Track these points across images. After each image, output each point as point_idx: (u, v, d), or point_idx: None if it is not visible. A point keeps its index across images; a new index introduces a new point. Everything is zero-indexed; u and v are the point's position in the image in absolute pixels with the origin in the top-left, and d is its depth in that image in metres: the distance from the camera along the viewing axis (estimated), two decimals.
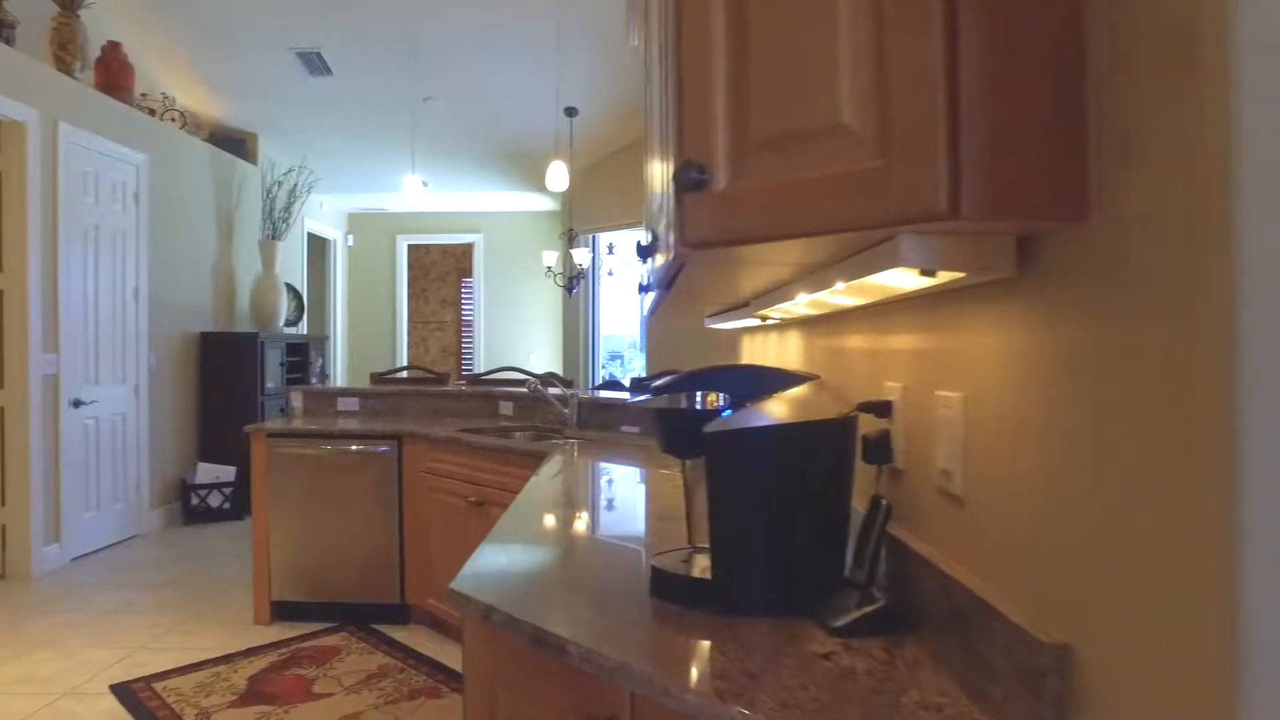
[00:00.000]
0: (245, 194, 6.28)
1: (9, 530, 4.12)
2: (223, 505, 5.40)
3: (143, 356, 5.03)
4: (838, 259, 0.93)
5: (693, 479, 1.24)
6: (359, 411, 3.94)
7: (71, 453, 4.42)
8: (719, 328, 2.48)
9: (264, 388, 5.69)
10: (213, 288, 5.84)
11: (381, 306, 8.75)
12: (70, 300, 4.40)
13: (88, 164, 4.57)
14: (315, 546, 3.42)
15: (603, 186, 6.69)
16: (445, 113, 6.17)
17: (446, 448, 3.22)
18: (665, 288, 1.37)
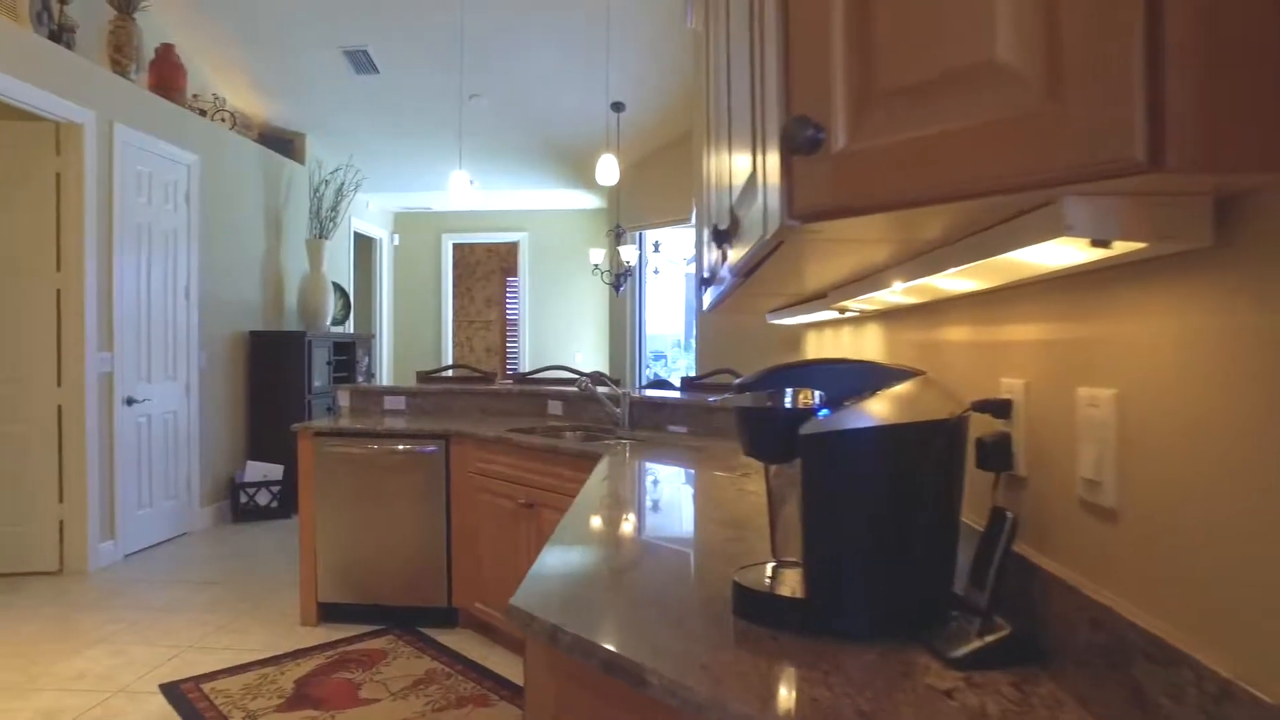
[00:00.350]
0: (293, 193, 6.31)
1: (67, 526, 4.16)
2: (271, 504, 5.41)
3: (193, 355, 5.06)
4: (969, 231, 0.80)
5: (779, 485, 1.12)
6: (405, 410, 3.89)
7: (125, 450, 4.46)
8: (781, 323, 2.36)
9: (311, 386, 5.70)
10: (261, 287, 5.88)
11: (426, 305, 8.76)
12: (124, 299, 4.44)
13: (141, 164, 4.60)
14: (362, 548, 3.37)
15: (649, 183, 6.58)
16: (491, 110, 6.12)
17: (495, 448, 3.14)
18: (744, 276, 1.25)
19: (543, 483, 2.90)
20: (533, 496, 2.94)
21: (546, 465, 2.88)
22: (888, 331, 1.56)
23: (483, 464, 3.20)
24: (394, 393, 3.88)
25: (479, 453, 3.22)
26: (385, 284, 8.48)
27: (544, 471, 2.90)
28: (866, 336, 1.74)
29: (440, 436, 3.31)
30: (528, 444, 2.96)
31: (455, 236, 8.82)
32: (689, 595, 1.14)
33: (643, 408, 3.36)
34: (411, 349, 8.71)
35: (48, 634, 3.34)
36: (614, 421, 3.41)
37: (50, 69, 3.98)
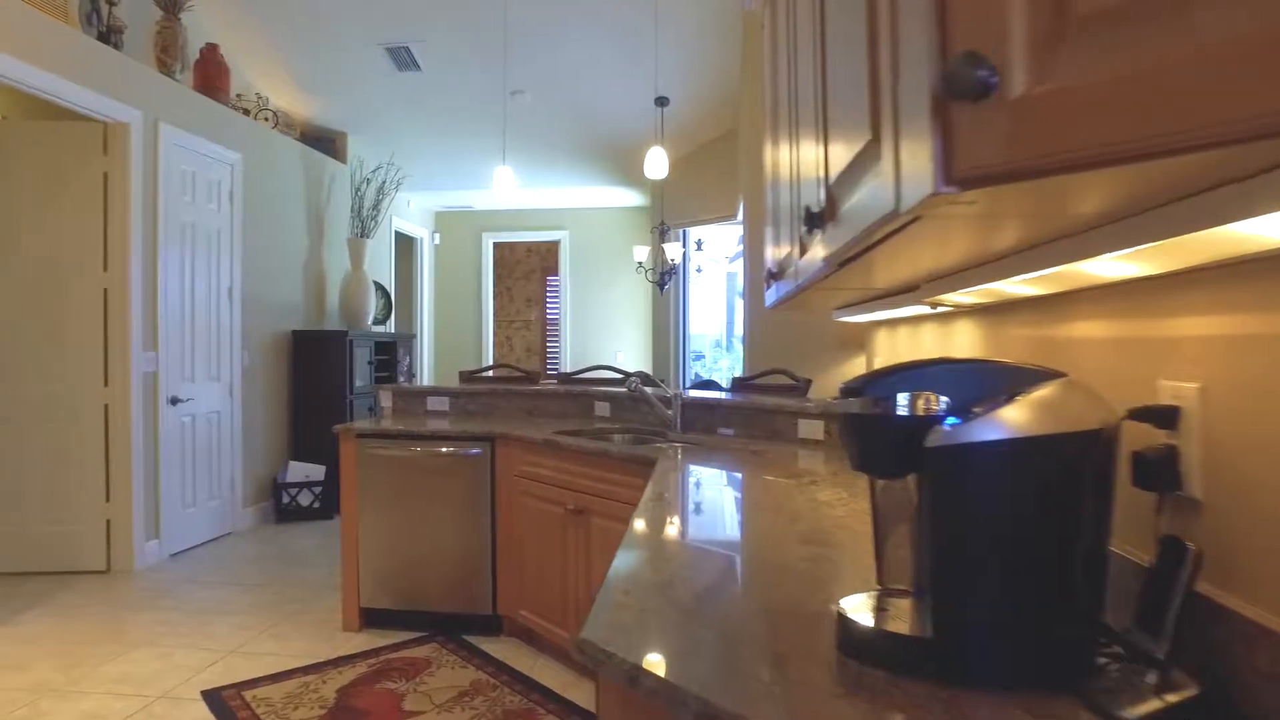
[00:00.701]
0: (335, 192, 6.29)
1: (113, 525, 4.15)
2: (313, 504, 5.38)
3: (236, 355, 5.04)
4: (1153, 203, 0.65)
5: (889, 503, 0.98)
6: (449, 411, 3.80)
7: (170, 450, 4.44)
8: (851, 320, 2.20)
9: (353, 386, 5.66)
10: (303, 286, 5.86)
11: (467, 305, 8.72)
12: (168, 299, 4.42)
13: (186, 163, 4.59)
14: (405, 552, 3.28)
15: (692, 180, 6.44)
16: (533, 106, 6.03)
17: (542, 451, 3.02)
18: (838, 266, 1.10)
19: (592, 488, 2.78)
20: (582, 502, 2.82)
21: (596, 470, 2.76)
22: (988, 327, 1.40)
23: (529, 467, 3.09)
24: (437, 393, 3.79)
25: (525, 455, 3.11)
26: (426, 283, 8.46)
27: (594, 476, 2.77)
28: (957, 333, 1.58)
29: (485, 439, 3.21)
30: (576, 447, 2.84)
31: (496, 235, 8.76)
32: (784, 628, 1.00)
33: (695, 409, 3.22)
34: (452, 349, 8.68)
35: (93, 634, 3.31)
36: (664, 424, 3.28)
37: (99, 69, 3.97)
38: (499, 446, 3.20)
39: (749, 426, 3.05)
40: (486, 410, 3.79)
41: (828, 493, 1.91)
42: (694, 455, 2.58)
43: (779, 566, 1.28)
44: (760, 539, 1.46)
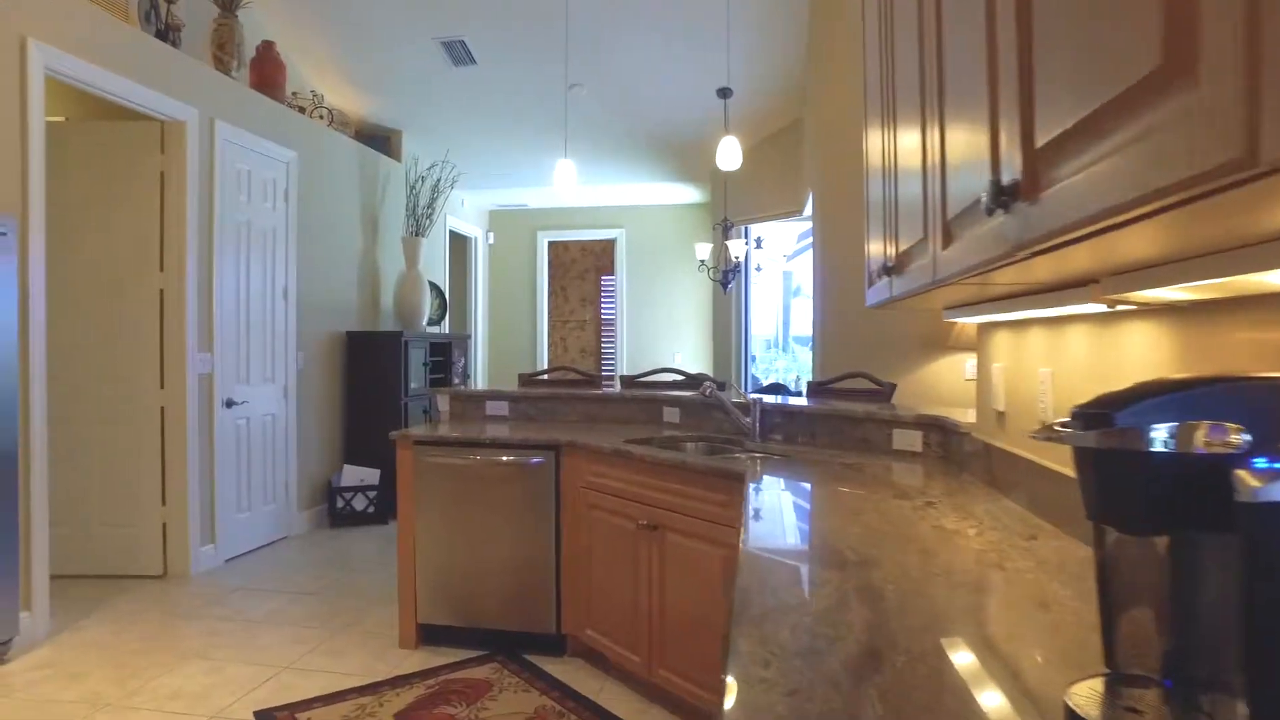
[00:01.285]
0: (389, 191, 6.20)
1: (169, 529, 4.08)
2: (367, 509, 5.27)
3: (291, 356, 4.95)
4: None
5: (1128, 562, 0.73)
6: (509, 416, 3.62)
7: (225, 453, 4.36)
8: (964, 320, 1.95)
9: (408, 389, 5.55)
10: (358, 286, 5.77)
11: (521, 305, 8.59)
12: (224, 300, 4.34)
13: (241, 162, 4.51)
14: (463, 566, 3.11)
15: (755, 175, 6.18)
16: (591, 100, 5.84)
17: (612, 460, 2.81)
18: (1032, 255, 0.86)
19: (668, 502, 2.56)
20: (656, 517, 2.60)
21: (672, 482, 2.54)
22: (1186, 330, 1.14)
23: (597, 478, 2.88)
24: (497, 397, 3.62)
25: (593, 465, 2.90)
26: (480, 283, 8.35)
27: (669, 489, 2.55)
28: (1127, 337, 1.32)
29: (549, 447, 3.02)
30: (649, 457, 2.63)
31: (551, 234, 8.61)
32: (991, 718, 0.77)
33: (774, 417, 2.98)
34: (506, 350, 8.56)
35: (148, 644, 3.22)
36: (740, 432, 3.05)
37: (157, 67, 3.89)
38: (564, 455, 3.01)
39: (835, 436, 2.80)
40: (548, 415, 3.60)
41: (952, 519, 1.66)
42: (781, 468, 2.34)
43: (936, 621, 1.04)
44: (900, 581, 1.22)
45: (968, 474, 2.24)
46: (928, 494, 1.95)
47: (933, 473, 2.27)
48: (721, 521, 2.37)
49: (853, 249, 4.39)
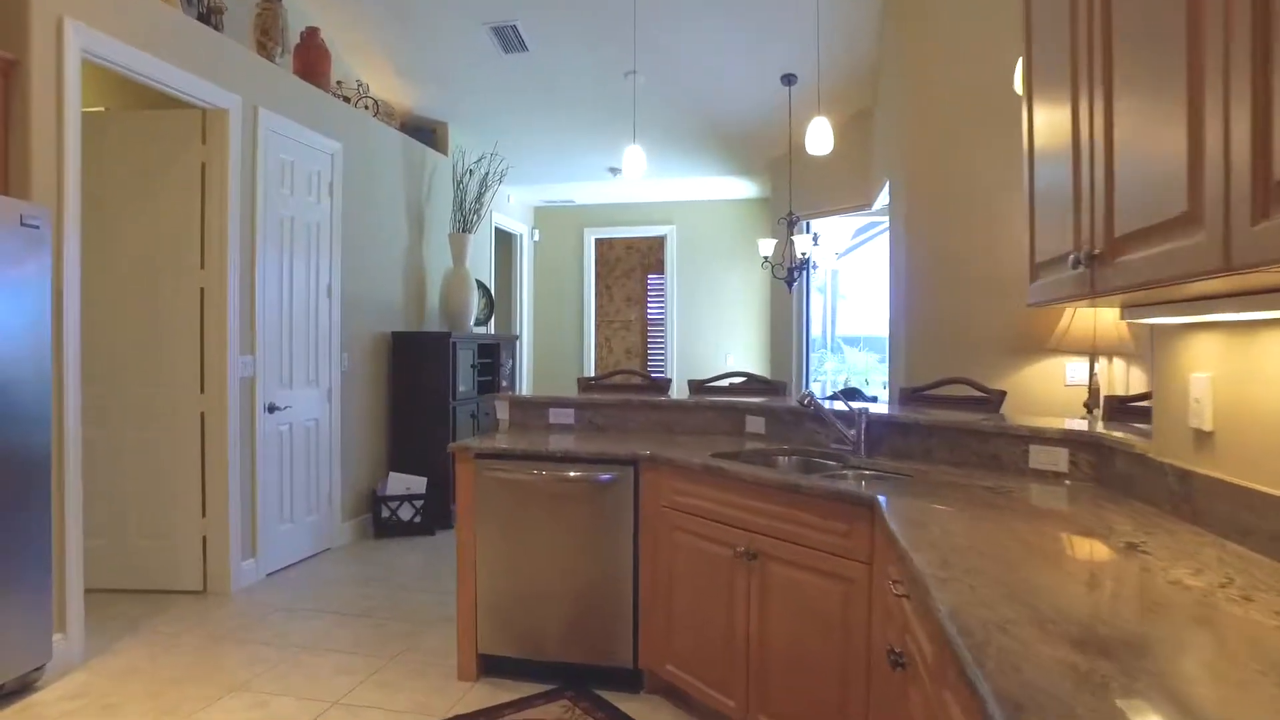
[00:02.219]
0: (435, 185, 5.94)
1: (210, 542, 3.84)
2: (414, 519, 5.01)
3: (335, 358, 4.70)
4: None
5: None
6: (575, 425, 3.31)
7: (267, 462, 4.12)
8: (1156, 322, 1.59)
9: (456, 392, 5.27)
10: (403, 285, 5.51)
11: (568, 305, 8.30)
12: (266, 298, 4.10)
13: (285, 152, 4.26)
14: (529, 593, 2.80)
15: (819, 167, 5.81)
16: (648, 89, 5.52)
17: (702, 478, 2.48)
18: None
19: (771, 528, 2.22)
20: (756, 545, 2.27)
21: (778, 506, 2.21)
22: None
23: (683, 497, 2.56)
24: (561, 404, 3.31)
25: (677, 483, 2.58)
26: (525, 282, 8.07)
27: (774, 514, 2.22)
28: None
29: (627, 461, 2.69)
30: (751, 477, 2.29)
31: (598, 231, 8.31)
32: None
33: (881, 429, 2.63)
34: (552, 352, 8.28)
35: (187, 671, 2.96)
36: (840, 445, 2.70)
37: (199, 52, 3.65)
38: (644, 471, 2.68)
39: (956, 452, 2.44)
40: (617, 425, 3.28)
41: (1181, 569, 1.30)
42: (907, 492, 1.99)
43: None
44: (1212, 682, 0.88)
45: (1137, 501, 1.87)
46: (1116, 530, 1.59)
47: (1098, 500, 1.90)
48: (841, 553, 2.03)
49: (948, 242, 4.01)
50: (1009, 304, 3.91)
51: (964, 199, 3.97)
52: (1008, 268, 3.91)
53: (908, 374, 4.08)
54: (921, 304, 4.05)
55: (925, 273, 4.04)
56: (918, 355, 4.07)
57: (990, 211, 3.93)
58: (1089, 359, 3.74)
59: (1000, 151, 3.90)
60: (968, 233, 3.97)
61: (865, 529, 1.97)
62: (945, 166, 4.00)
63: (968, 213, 3.96)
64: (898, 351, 4.40)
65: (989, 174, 3.92)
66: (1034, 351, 3.91)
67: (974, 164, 3.95)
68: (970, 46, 3.96)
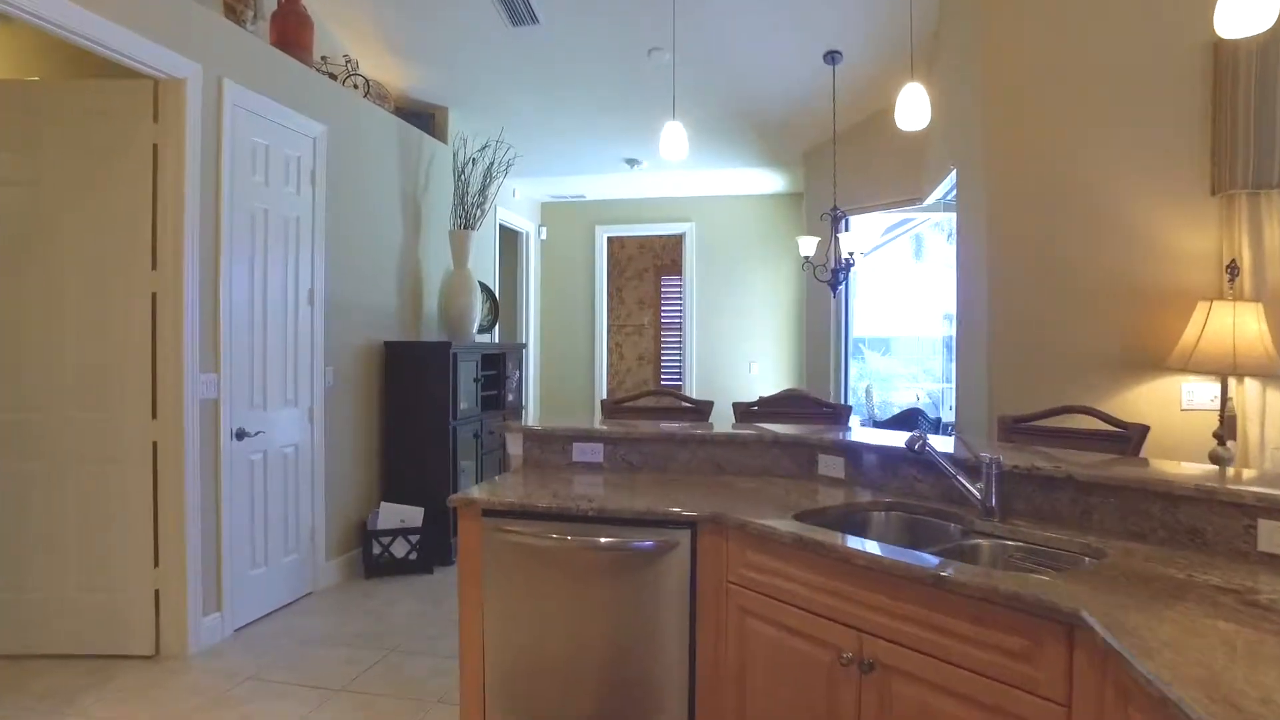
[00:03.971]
0: (434, 175, 5.31)
1: (163, 597, 3.22)
2: (409, 555, 4.38)
3: (318, 373, 4.08)
4: None
5: None
6: (604, 464, 2.69)
7: (235, 497, 3.49)
8: None
9: (457, 410, 4.65)
10: (397, 288, 4.88)
11: (578, 309, 7.67)
12: (233, 306, 3.47)
13: (257, 134, 3.64)
14: (550, 687, 2.17)
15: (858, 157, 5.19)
16: (673, 68, 4.90)
17: (788, 553, 1.86)
18: None
19: (899, 632, 1.60)
20: (875, 651, 1.64)
21: (914, 604, 1.58)
22: None
23: (759, 573, 1.93)
24: (587, 438, 2.68)
25: (752, 554, 1.95)
26: (531, 285, 7.45)
27: (904, 613, 1.59)
28: None
29: (682, 524, 2.07)
30: (871, 563, 1.67)
31: (610, 229, 7.68)
32: None
33: (1017, 483, 2.01)
34: (561, 360, 7.65)
35: None
36: (956, 501, 2.08)
37: (151, 10, 3.03)
38: (704, 534, 2.06)
39: (1130, 520, 1.81)
40: (655, 463, 2.66)
41: None
42: (1108, 588, 1.37)
43: None
44: None
45: None
46: None
47: None
48: (1017, 683, 1.41)
49: (1041, 239, 3.39)
50: (1116, 312, 3.29)
51: (1061, 189, 3.35)
52: (1114, 269, 3.29)
53: (991, 394, 3.46)
54: (1007, 311, 3.43)
55: (1013, 275, 3.42)
56: (1004, 371, 3.45)
57: (1093, 203, 3.31)
58: (1220, 379, 3.12)
59: (1108, 134, 3.28)
60: (1066, 228, 3.35)
61: (1059, 652, 1.35)
62: (1038, 151, 3.38)
63: (1066, 205, 3.34)
64: (973, 367, 3.78)
65: (1093, 159, 3.30)
66: (1146, 369, 3.29)
67: (1075, 148, 3.33)
68: (1072, 9, 3.34)
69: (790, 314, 7.31)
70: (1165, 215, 3.25)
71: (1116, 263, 3.29)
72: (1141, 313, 3.29)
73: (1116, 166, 3.28)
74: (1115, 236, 3.29)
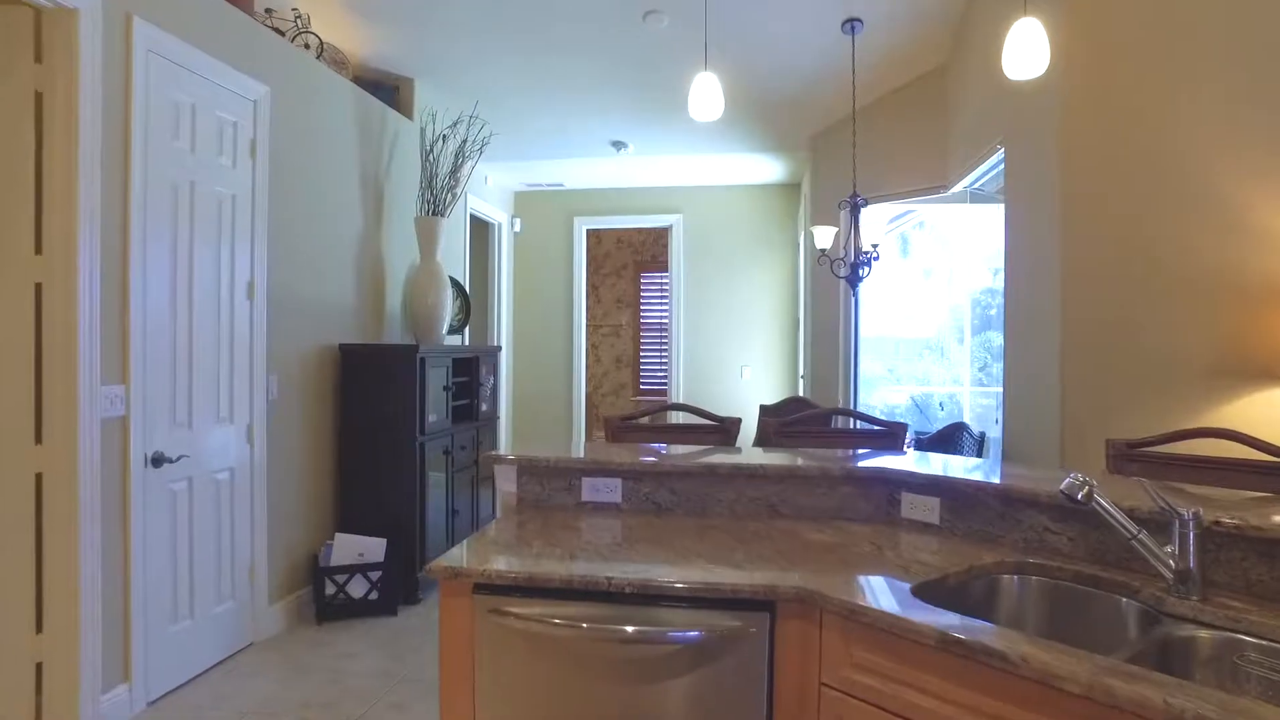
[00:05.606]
0: (399, 155, 4.66)
1: (48, 670, 2.54)
2: (369, 595, 3.74)
3: (260, 383, 3.42)
4: None
5: None
6: (621, 505, 2.09)
7: (151, 537, 2.82)
8: None
9: (424, 424, 4.01)
10: (356, 282, 4.22)
11: (555, 308, 7.04)
12: (148, 300, 2.80)
13: (180, 89, 2.97)
14: None
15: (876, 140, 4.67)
16: (672, 35, 4.32)
17: (927, 656, 1.28)
18: None
19: None
20: None
21: None
22: None
23: (875, 678, 1.35)
24: (601, 471, 2.08)
25: (866, 652, 1.37)
26: (504, 281, 6.80)
27: None
28: None
29: (756, 603, 1.48)
30: (1101, 687, 1.10)
31: (591, 221, 7.07)
32: None
33: (1216, 544, 1.46)
34: (535, 364, 7.02)
35: None
36: (1117, 563, 1.52)
37: None
38: (785, 618, 1.47)
39: None
40: (693, 505, 2.07)
41: None
42: None
43: None
44: None
45: None
46: None
47: None
48: None
49: (1123, 224, 2.87)
50: (1216, 311, 2.79)
51: (1152, 165, 2.84)
52: (1213, 260, 2.79)
53: (1064, 408, 2.94)
54: (1083, 310, 2.91)
55: (1091, 266, 2.90)
56: (1079, 381, 2.93)
57: (1187, 183, 2.80)
58: None
59: (1208, 99, 2.77)
60: (1156, 212, 2.84)
61: None
62: (1124, 121, 2.87)
63: (1157, 184, 2.83)
64: (1033, 374, 3.26)
65: (1190, 130, 2.80)
66: (1250, 378, 2.79)
67: (1168, 116, 2.82)
68: None
69: (786, 314, 6.78)
70: (1276, 197, 2.76)
71: (1216, 253, 2.79)
72: (1246, 312, 2.79)
73: (1217, 139, 2.78)
74: (1214, 222, 2.79)
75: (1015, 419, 3.44)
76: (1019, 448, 3.37)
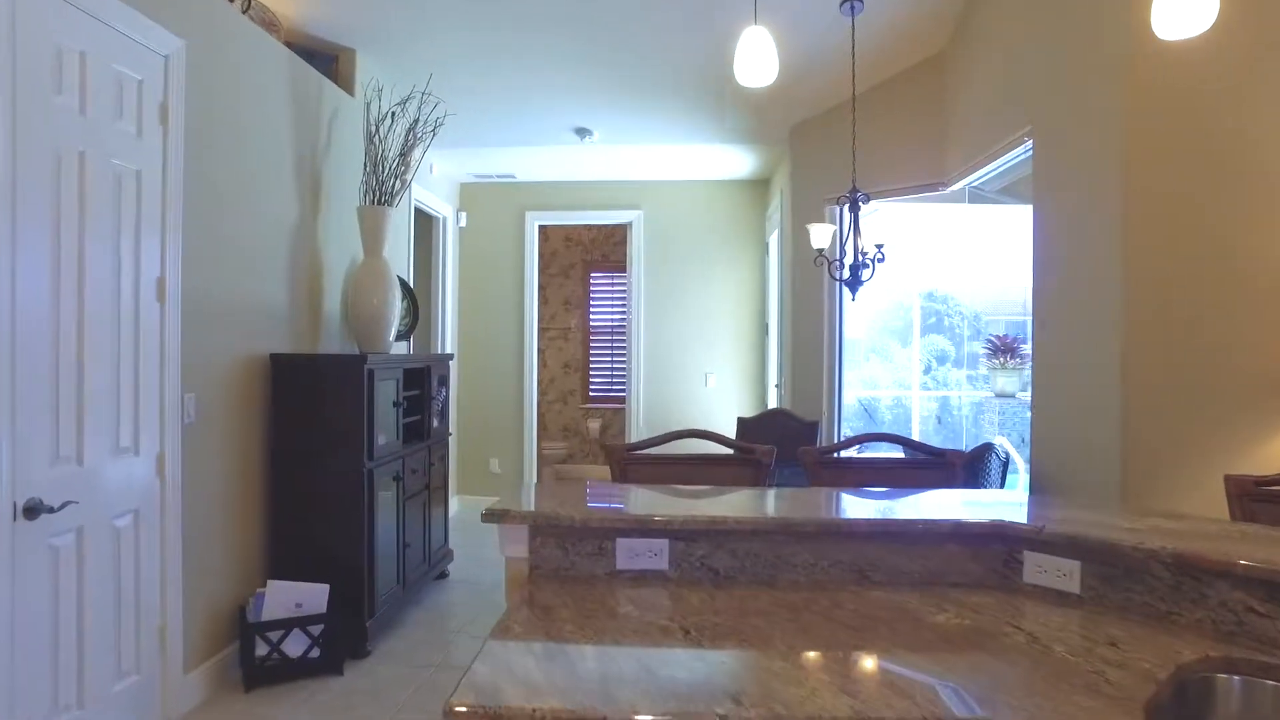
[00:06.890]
0: (338, 136, 4.06)
1: None
2: (309, 653, 3.15)
3: (173, 404, 2.79)
4: None
5: None
6: (669, 574, 1.62)
7: (22, 608, 2.19)
8: None
9: (373, 448, 3.44)
10: (289, 280, 3.61)
11: (503, 312, 6.48)
12: (18, 300, 2.18)
13: (63, 32, 2.34)
14: None
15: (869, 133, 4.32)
16: (648, 5, 3.85)
17: None
18: None
19: None
20: None
21: None
22: None
23: None
24: (641, 531, 1.61)
25: None
26: (449, 281, 6.20)
27: None
28: None
29: None
30: None
31: (544, 216, 6.53)
32: None
33: None
34: (482, 374, 6.44)
35: None
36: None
37: None
38: None
39: None
40: (759, 571, 1.62)
41: None
42: None
43: None
44: None
45: None
46: None
47: None
48: None
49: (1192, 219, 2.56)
50: None
51: (1226, 151, 2.54)
52: None
53: (1125, 428, 2.60)
54: (1148, 317, 2.59)
55: (1157, 268, 2.58)
56: (1142, 396, 2.60)
57: (1267, 171, 2.51)
58: None
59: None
60: (1232, 204, 2.54)
61: None
62: (1194, 100, 2.56)
63: (1233, 173, 2.53)
64: (1078, 387, 2.93)
65: (1262, 115, 2.50)
66: None
67: (1229, 102, 2.52)
68: None
69: (753, 318, 6.41)
70: None
71: None
72: None
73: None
74: None
75: (1051, 442, 3.11)
76: (1056, 476, 3.04)
